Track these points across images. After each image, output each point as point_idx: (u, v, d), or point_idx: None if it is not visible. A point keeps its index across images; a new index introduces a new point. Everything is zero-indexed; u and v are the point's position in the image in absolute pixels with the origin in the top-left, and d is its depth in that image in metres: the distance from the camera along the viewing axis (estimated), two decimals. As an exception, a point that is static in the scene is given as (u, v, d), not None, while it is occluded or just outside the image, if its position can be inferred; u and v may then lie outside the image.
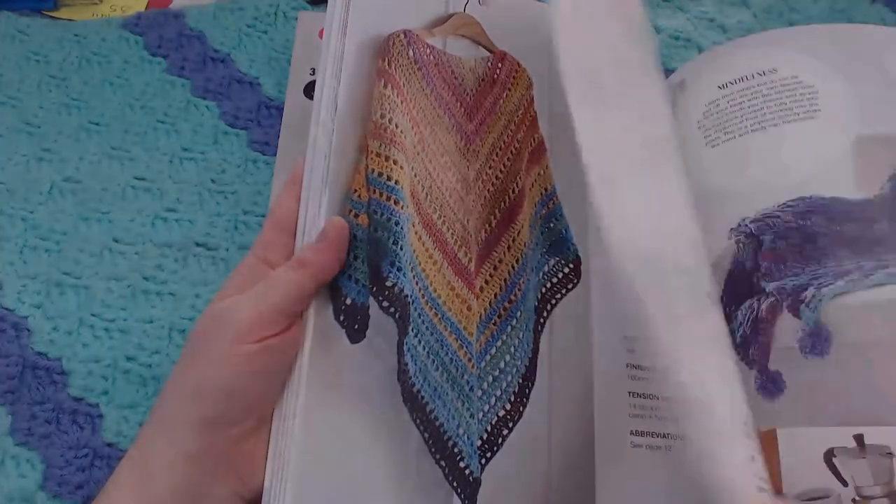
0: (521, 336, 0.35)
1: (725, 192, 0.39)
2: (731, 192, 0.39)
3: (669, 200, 0.31)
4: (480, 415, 0.33)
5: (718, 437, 0.26)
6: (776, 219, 0.37)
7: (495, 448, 0.33)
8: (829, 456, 0.31)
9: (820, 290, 0.34)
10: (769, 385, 0.34)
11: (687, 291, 0.29)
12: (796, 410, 0.33)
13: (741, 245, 0.37)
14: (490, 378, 0.34)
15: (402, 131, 0.34)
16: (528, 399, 0.35)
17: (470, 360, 0.34)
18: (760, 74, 0.41)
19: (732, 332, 0.36)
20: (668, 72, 0.46)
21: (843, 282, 0.34)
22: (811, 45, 0.41)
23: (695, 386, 0.27)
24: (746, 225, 0.37)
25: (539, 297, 0.37)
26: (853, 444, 0.31)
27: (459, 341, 0.34)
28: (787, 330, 0.34)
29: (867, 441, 0.31)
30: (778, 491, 0.32)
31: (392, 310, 0.31)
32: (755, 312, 0.36)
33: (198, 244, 0.46)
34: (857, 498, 0.30)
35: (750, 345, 0.35)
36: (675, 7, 0.49)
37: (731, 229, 0.38)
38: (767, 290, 0.36)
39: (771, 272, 0.36)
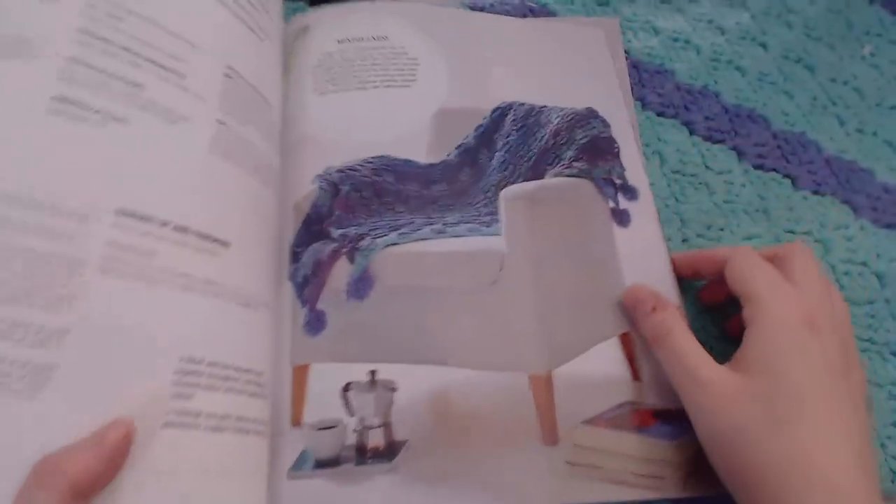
0: None
1: (320, 140, 0.39)
2: (325, 140, 0.39)
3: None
4: None
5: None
6: (356, 172, 0.37)
7: None
8: (345, 389, 0.32)
9: (375, 240, 0.35)
10: (314, 322, 0.34)
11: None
12: (331, 347, 0.34)
13: (322, 191, 0.37)
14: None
15: None
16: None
17: None
18: (375, 39, 0.42)
19: (296, 271, 0.35)
20: (667, 72, 0.44)
21: (395, 234, 0.35)
22: (426, 22, 0.43)
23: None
24: (331, 173, 0.37)
25: None
26: (367, 378, 0.32)
27: None
28: (341, 274, 0.35)
29: (378, 377, 0.32)
30: (297, 422, 0.32)
31: None
32: (318, 255, 0.35)
33: None
34: (358, 428, 0.31)
35: (307, 285, 0.35)
36: (674, 8, 0.47)
37: (318, 175, 0.38)
38: (333, 235, 0.36)
39: (340, 220, 0.36)
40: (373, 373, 0.33)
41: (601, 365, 0.34)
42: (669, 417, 0.33)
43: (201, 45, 0.32)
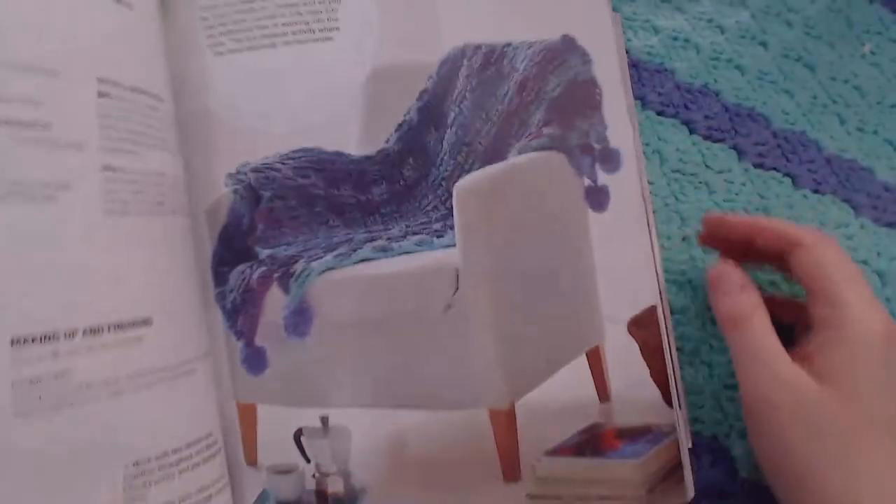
0: None
1: (224, 121, 0.31)
2: (230, 121, 0.31)
3: None
4: None
5: None
6: (276, 172, 0.30)
7: None
8: (297, 435, 0.31)
9: (310, 263, 0.30)
10: (254, 361, 0.31)
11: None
12: (276, 389, 0.31)
13: (239, 197, 0.31)
14: None
15: None
16: None
17: None
18: None
19: (223, 296, 0.31)
20: (667, 71, 0.42)
21: (331, 256, 0.30)
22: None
23: None
24: (246, 174, 0.31)
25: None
26: (320, 424, 0.30)
27: None
28: (275, 304, 0.31)
29: (331, 422, 0.30)
30: (253, 462, 0.31)
31: None
32: (247, 279, 0.31)
33: None
34: (316, 474, 0.30)
35: (240, 314, 0.31)
36: (673, 7, 0.46)
37: (230, 175, 0.31)
38: (261, 256, 0.31)
39: (266, 237, 0.31)
40: (325, 418, 0.31)
41: (565, 387, 0.31)
42: (633, 435, 0.32)
43: (62, 65, 0.24)
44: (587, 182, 0.32)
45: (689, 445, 0.32)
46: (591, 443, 0.31)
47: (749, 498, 0.33)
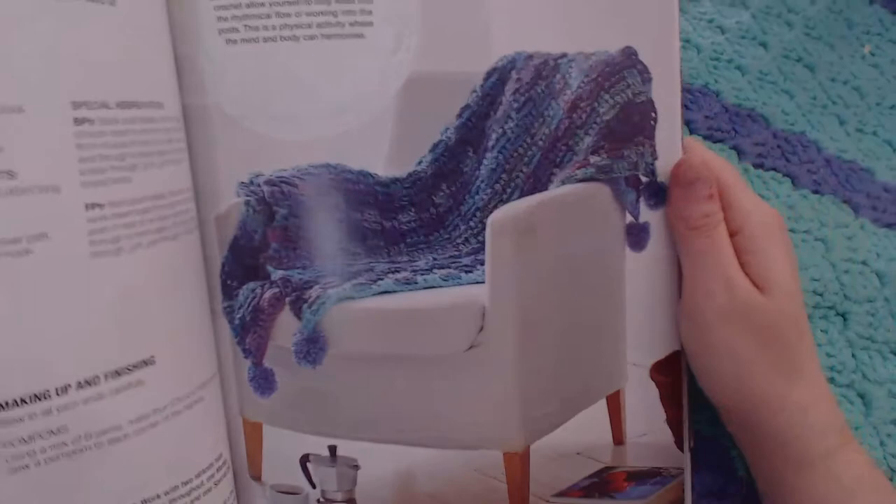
0: None
1: (237, 122, 0.27)
2: (247, 127, 0.27)
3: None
4: None
5: None
6: (293, 188, 0.27)
7: None
8: (304, 460, 0.29)
9: (326, 290, 0.27)
10: (261, 382, 0.29)
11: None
12: (283, 412, 0.29)
13: (251, 210, 0.27)
14: None
15: None
16: None
17: None
18: None
19: (231, 311, 0.28)
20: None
21: (350, 285, 0.27)
22: None
23: None
24: (259, 186, 0.27)
25: None
26: (327, 453, 0.29)
27: None
28: (286, 328, 0.28)
29: (339, 452, 0.29)
30: (257, 476, 0.30)
31: None
32: (257, 299, 0.28)
33: None
34: (321, 500, 0.29)
35: (248, 333, 0.28)
36: None
37: (241, 184, 0.27)
38: (273, 277, 0.28)
39: (279, 257, 0.27)
40: (333, 448, 0.29)
41: (581, 429, 0.30)
42: (643, 477, 0.31)
43: (27, 100, 0.19)
44: (629, 219, 0.29)
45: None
46: (600, 485, 0.30)
47: (749, 498, 0.33)
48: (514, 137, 0.28)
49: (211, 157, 0.27)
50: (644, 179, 0.28)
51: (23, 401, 0.20)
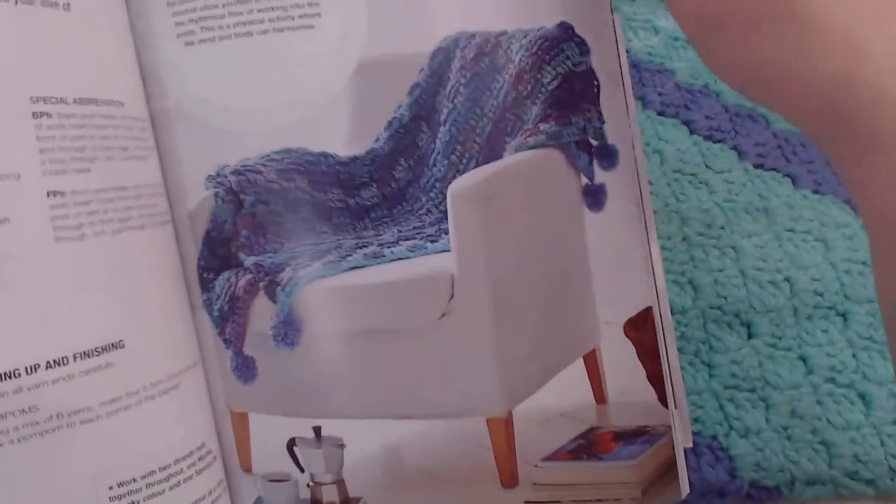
0: None
1: (200, 119, 0.27)
2: (209, 123, 0.27)
3: None
4: None
5: None
6: (258, 175, 0.27)
7: None
8: (290, 445, 0.29)
9: (297, 272, 0.27)
10: (243, 370, 0.28)
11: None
12: (266, 398, 0.28)
13: (220, 201, 0.28)
14: None
15: None
16: None
17: None
18: None
19: (210, 303, 0.28)
20: (667, 71, 0.42)
21: (320, 264, 0.27)
22: None
23: None
24: (226, 177, 0.27)
25: None
26: (312, 434, 0.29)
27: None
28: (263, 314, 0.28)
29: (324, 433, 0.28)
30: (247, 468, 0.30)
31: None
32: (233, 288, 0.28)
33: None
34: (311, 483, 0.29)
35: (227, 322, 0.28)
36: None
37: (209, 177, 0.27)
38: (246, 264, 0.28)
39: (250, 243, 0.28)
40: (317, 429, 0.29)
41: (563, 391, 0.29)
42: (630, 437, 0.30)
43: None
44: (584, 181, 0.29)
45: (689, 445, 0.30)
46: (588, 446, 0.30)
47: (749, 498, 0.32)
48: (465, 111, 0.28)
49: (178, 156, 0.28)
50: (594, 143, 0.29)
51: None
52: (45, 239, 0.21)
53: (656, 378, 0.30)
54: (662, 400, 0.30)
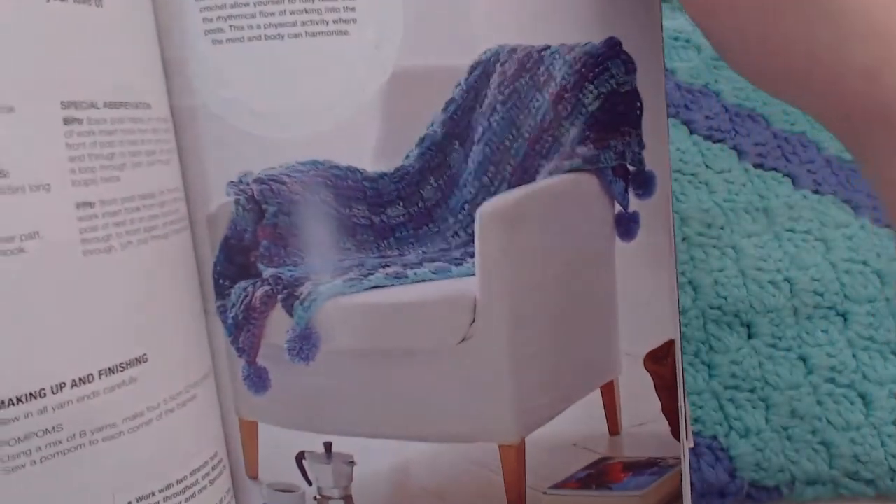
0: None
1: (225, 122, 0.27)
2: (235, 126, 0.27)
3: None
4: None
5: None
6: (282, 185, 0.27)
7: None
8: (299, 458, 0.30)
9: (317, 287, 0.28)
10: (255, 380, 0.29)
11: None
12: (278, 410, 0.30)
13: (241, 209, 0.28)
14: None
15: None
16: None
17: None
18: None
19: (224, 310, 0.29)
20: (667, 71, 0.42)
21: (341, 281, 0.28)
22: None
23: None
24: (249, 185, 0.27)
25: None
26: (322, 450, 0.29)
27: None
28: (279, 326, 0.28)
29: (334, 449, 0.29)
30: (253, 475, 0.31)
31: None
32: (249, 298, 0.29)
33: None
34: (318, 497, 0.30)
35: (241, 331, 0.29)
36: (674, 7, 0.48)
37: (231, 183, 0.28)
38: (264, 275, 0.28)
39: (270, 255, 0.28)
40: (328, 444, 0.29)
41: (576, 420, 0.30)
42: (639, 468, 0.31)
43: (15, 95, 0.20)
44: (618, 208, 0.30)
45: (691, 445, 0.31)
46: (597, 476, 0.31)
47: (749, 498, 0.34)
48: (500, 130, 0.28)
49: (200, 157, 0.28)
50: (631, 169, 0.29)
51: (19, 399, 0.21)
52: (73, 253, 0.21)
53: (671, 412, 0.31)
54: (674, 432, 0.31)
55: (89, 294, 0.22)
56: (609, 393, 0.31)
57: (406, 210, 0.28)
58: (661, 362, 0.31)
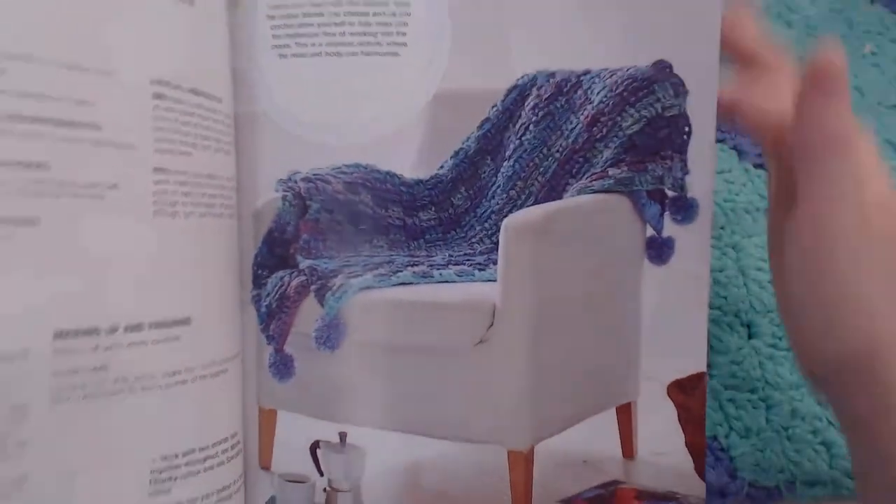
0: None
1: (282, 126, 0.33)
2: (287, 127, 0.33)
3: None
4: None
5: None
6: (327, 185, 0.32)
7: None
8: (314, 447, 0.33)
9: (349, 279, 0.32)
10: (281, 367, 0.33)
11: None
12: (299, 398, 0.33)
13: (288, 204, 0.33)
14: None
15: None
16: None
17: None
18: None
19: (259, 299, 0.33)
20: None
21: (371, 275, 0.32)
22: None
23: None
24: (297, 182, 0.32)
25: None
26: (337, 439, 0.32)
27: None
28: (309, 315, 0.33)
29: (348, 440, 0.32)
30: (266, 465, 0.33)
31: None
32: (284, 287, 0.33)
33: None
34: (328, 488, 0.32)
35: (273, 319, 0.33)
36: None
37: (280, 181, 0.33)
38: (301, 266, 0.33)
39: (308, 247, 0.33)
40: (343, 434, 0.33)
41: (590, 437, 0.33)
42: (656, 500, 0.33)
43: (116, 66, 0.26)
44: (650, 232, 0.32)
45: None
46: (607, 498, 0.33)
47: (749, 498, 0.35)
48: (531, 148, 0.33)
49: (254, 157, 0.33)
50: (671, 194, 0.31)
51: (76, 333, 0.25)
52: (145, 210, 0.26)
53: (696, 447, 0.32)
54: (699, 469, 0.32)
55: (152, 250, 0.27)
56: (625, 414, 0.33)
57: (437, 215, 0.33)
58: (689, 394, 0.32)
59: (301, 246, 0.33)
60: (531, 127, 0.33)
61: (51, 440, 0.25)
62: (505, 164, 0.33)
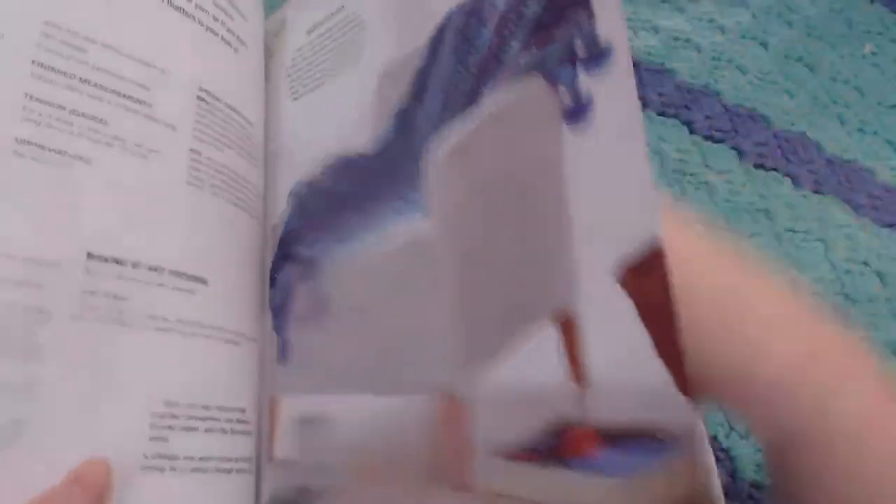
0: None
1: (295, 151, 0.41)
2: (298, 150, 0.41)
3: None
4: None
5: None
6: (319, 183, 0.40)
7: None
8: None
9: (330, 256, 0.37)
10: (284, 352, 0.38)
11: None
12: (297, 377, 0.37)
13: (291, 209, 0.40)
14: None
15: None
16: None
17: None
18: (333, 14, 0.42)
19: (273, 298, 0.39)
20: (667, 71, 0.47)
21: (347, 247, 0.36)
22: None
23: None
24: (300, 188, 0.40)
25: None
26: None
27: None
28: (303, 297, 0.38)
29: (306, 416, 0.35)
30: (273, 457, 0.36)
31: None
32: (288, 279, 0.39)
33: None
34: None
35: (281, 311, 0.39)
36: (674, 7, 0.51)
37: (291, 193, 0.40)
38: (299, 256, 0.39)
39: (307, 238, 0.39)
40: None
41: (530, 365, 0.27)
42: (622, 440, 0.24)
43: (170, 69, 0.36)
44: (567, 101, 0.28)
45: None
46: (559, 444, 0.25)
47: (749, 498, 0.36)
48: (449, 73, 0.34)
49: (274, 184, 0.41)
50: (582, 54, 0.27)
51: (104, 258, 0.31)
52: (179, 178, 0.34)
53: (669, 352, 0.23)
54: (681, 382, 0.23)
55: (179, 209, 0.34)
56: (568, 330, 0.26)
57: (390, 175, 0.35)
58: (647, 275, 0.24)
59: (301, 239, 0.39)
60: (449, 56, 0.34)
61: (65, 353, 0.29)
62: (430, 101, 0.35)
